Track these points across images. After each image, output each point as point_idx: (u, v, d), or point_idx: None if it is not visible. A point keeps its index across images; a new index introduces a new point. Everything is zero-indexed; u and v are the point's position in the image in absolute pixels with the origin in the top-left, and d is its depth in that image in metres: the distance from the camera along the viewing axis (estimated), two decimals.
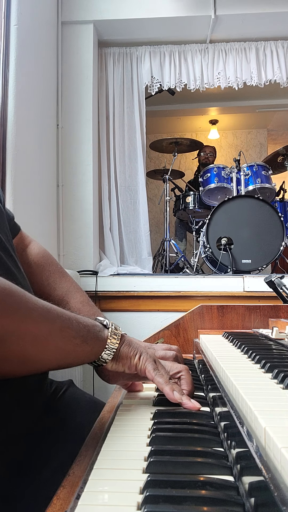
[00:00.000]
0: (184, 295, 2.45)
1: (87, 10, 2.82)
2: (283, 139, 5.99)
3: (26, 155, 2.11)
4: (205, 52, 3.10)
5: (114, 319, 2.82)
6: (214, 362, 0.70)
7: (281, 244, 2.74)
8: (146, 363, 0.64)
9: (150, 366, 0.64)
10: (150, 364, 0.64)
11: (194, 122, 5.71)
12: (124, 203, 3.05)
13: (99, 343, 0.62)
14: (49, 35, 2.63)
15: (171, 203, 3.94)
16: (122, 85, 3.10)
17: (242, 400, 0.46)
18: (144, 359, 0.65)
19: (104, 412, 0.67)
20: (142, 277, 2.55)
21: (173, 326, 1.13)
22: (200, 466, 0.42)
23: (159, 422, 0.55)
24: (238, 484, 0.38)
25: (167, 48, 3.09)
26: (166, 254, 3.65)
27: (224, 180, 3.40)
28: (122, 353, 0.64)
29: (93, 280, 2.51)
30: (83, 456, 0.50)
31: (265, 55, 3.08)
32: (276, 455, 0.32)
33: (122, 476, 0.41)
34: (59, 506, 0.40)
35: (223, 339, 0.95)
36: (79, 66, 2.81)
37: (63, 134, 2.73)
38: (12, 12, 2.06)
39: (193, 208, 3.79)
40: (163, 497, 0.35)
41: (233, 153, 5.60)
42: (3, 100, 1.97)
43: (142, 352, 0.65)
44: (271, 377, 0.55)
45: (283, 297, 1.18)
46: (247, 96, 4.61)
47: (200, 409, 0.61)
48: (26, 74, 2.15)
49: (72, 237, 2.68)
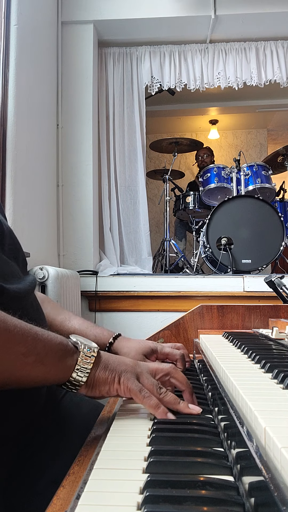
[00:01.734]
0: (184, 295, 2.45)
1: (87, 10, 2.82)
2: (283, 139, 5.99)
3: (26, 155, 2.12)
4: (205, 52, 3.10)
5: (114, 319, 2.81)
6: (214, 362, 0.70)
7: (281, 244, 2.74)
8: (128, 385, 0.58)
9: (134, 388, 0.58)
10: (133, 385, 0.58)
11: (194, 122, 5.71)
12: (124, 203, 3.05)
13: (62, 367, 0.57)
14: (49, 35, 2.63)
15: (171, 203, 3.94)
16: (122, 85, 3.10)
17: (242, 400, 0.46)
18: (124, 382, 0.58)
19: (104, 412, 0.67)
20: (142, 277, 2.55)
21: (173, 326, 1.13)
22: (200, 466, 0.42)
23: (159, 422, 0.55)
24: (238, 484, 0.38)
25: (167, 48, 3.09)
26: (166, 254, 3.65)
27: (224, 180, 3.40)
28: (97, 379, 0.58)
29: (93, 280, 2.51)
30: (83, 456, 0.50)
31: (265, 55, 3.08)
32: (276, 455, 0.32)
33: (122, 476, 0.41)
34: (59, 506, 0.40)
35: (223, 339, 0.95)
36: (79, 66, 2.81)
37: (63, 134, 2.74)
38: (12, 12, 2.06)
39: (193, 208, 3.79)
40: (163, 497, 0.35)
41: (233, 153, 5.60)
42: (3, 100, 1.97)
43: (121, 373, 0.59)
44: (271, 377, 0.55)
45: (283, 297, 1.18)
46: (247, 96, 4.61)
47: (200, 412, 0.59)
48: (26, 74, 2.15)
49: (72, 237, 2.68)
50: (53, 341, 0.57)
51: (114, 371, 0.59)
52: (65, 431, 0.74)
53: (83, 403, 0.83)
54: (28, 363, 0.53)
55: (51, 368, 0.56)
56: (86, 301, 2.54)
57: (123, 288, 2.49)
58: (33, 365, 0.54)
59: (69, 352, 0.58)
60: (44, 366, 0.55)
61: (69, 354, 0.58)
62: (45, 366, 0.55)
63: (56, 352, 0.56)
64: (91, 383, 0.58)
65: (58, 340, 0.58)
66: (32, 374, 0.55)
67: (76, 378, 0.57)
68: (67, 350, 0.58)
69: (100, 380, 0.58)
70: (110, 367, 0.59)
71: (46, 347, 0.55)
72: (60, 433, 0.73)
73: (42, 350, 0.54)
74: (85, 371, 0.57)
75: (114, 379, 0.58)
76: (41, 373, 0.55)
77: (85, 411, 0.81)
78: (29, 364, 0.53)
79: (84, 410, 0.81)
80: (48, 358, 0.55)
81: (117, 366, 0.59)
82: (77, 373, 0.57)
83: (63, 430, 0.74)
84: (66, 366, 0.57)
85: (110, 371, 0.59)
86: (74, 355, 0.58)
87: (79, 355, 0.58)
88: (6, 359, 0.52)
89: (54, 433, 0.72)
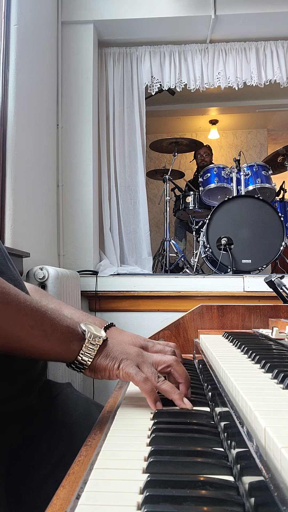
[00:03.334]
0: (184, 295, 2.45)
1: (87, 10, 2.82)
2: (283, 139, 5.99)
3: (26, 155, 2.12)
4: (205, 52, 3.10)
5: (114, 319, 2.81)
6: (214, 362, 0.70)
7: (281, 244, 2.74)
8: (126, 370, 0.61)
9: (131, 371, 0.61)
10: (131, 370, 0.61)
11: (194, 122, 5.71)
12: (124, 203, 3.05)
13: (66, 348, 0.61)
14: (49, 35, 2.63)
15: (171, 203, 3.94)
16: (122, 85, 3.10)
17: (242, 400, 0.46)
18: (123, 368, 0.62)
19: (104, 412, 0.67)
20: (142, 277, 2.55)
21: (173, 326, 1.13)
22: (200, 466, 0.42)
23: (159, 422, 0.55)
24: (238, 484, 0.38)
25: (167, 48, 3.09)
26: (166, 254, 3.65)
27: (224, 180, 3.40)
28: (98, 365, 0.62)
29: (93, 280, 2.51)
30: (83, 456, 0.50)
31: (265, 55, 3.08)
32: (276, 455, 0.32)
33: (122, 476, 0.41)
34: (59, 506, 0.40)
35: (223, 339, 0.95)
36: (79, 66, 2.81)
37: (63, 134, 2.74)
38: (12, 12, 2.06)
39: (193, 208, 3.79)
40: (163, 497, 0.35)
41: (233, 153, 5.60)
42: (3, 100, 1.97)
43: (122, 360, 0.62)
44: (271, 377, 0.55)
45: (283, 297, 1.18)
46: (247, 96, 4.61)
47: (192, 408, 0.60)
48: (26, 74, 2.15)
49: (72, 237, 2.68)
50: (61, 322, 0.62)
51: (115, 359, 0.63)
52: (58, 430, 0.73)
53: (80, 402, 0.83)
54: (35, 335, 0.58)
55: (55, 346, 0.60)
56: (86, 301, 2.54)
57: (123, 288, 2.49)
58: (39, 338, 0.58)
59: (76, 337, 0.62)
60: (49, 342, 0.59)
61: (75, 339, 0.62)
62: (50, 343, 0.60)
63: (62, 333, 0.61)
64: (93, 368, 0.63)
65: (66, 323, 0.63)
66: (37, 346, 0.59)
67: (81, 361, 0.62)
68: (74, 334, 0.62)
69: (100, 366, 0.62)
70: (112, 355, 0.63)
71: (53, 326, 0.60)
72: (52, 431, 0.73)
73: (48, 328, 0.59)
74: (89, 357, 0.62)
75: (114, 365, 0.62)
76: (46, 348, 0.60)
77: (81, 409, 0.80)
78: (36, 337, 0.58)
79: (80, 408, 0.81)
80: (54, 336, 0.60)
81: (119, 355, 0.63)
82: (81, 357, 0.61)
83: (56, 428, 0.74)
84: (70, 349, 0.61)
85: (111, 358, 0.63)
86: (80, 341, 0.62)
87: (85, 342, 0.62)
88: (14, 328, 0.56)
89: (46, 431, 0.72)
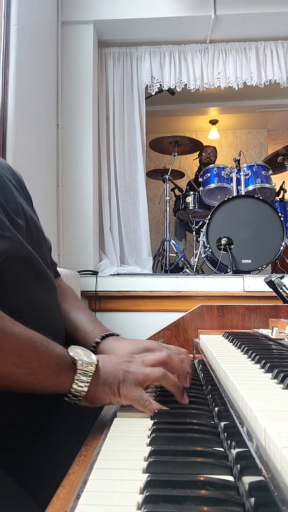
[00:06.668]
0: (184, 295, 2.45)
1: (87, 10, 2.82)
2: (283, 139, 5.99)
3: (26, 155, 2.11)
4: (205, 52, 3.10)
5: (114, 319, 2.80)
6: (214, 362, 0.70)
7: (281, 244, 2.74)
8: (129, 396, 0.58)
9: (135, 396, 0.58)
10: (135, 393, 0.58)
11: (194, 122, 5.71)
12: (124, 203, 3.05)
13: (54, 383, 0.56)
14: (49, 35, 2.63)
15: (171, 203, 3.94)
16: (122, 85, 3.10)
17: (242, 400, 0.46)
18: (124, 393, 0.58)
19: (104, 412, 0.67)
20: (142, 277, 2.55)
21: (173, 326, 1.13)
22: (200, 466, 0.42)
23: (159, 422, 0.55)
24: (238, 484, 0.38)
25: (167, 48, 3.09)
26: (166, 254, 3.65)
27: (224, 180, 3.40)
28: (98, 394, 0.58)
29: (93, 280, 2.51)
30: (83, 456, 0.50)
31: (265, 55, 3.08)
32: (276, 455, 0.32)
33: (122, 476, 0.41)
34: (59, 506, 0.40)
35: (223, 339, 0.95)
36: (79, 66, 2.81)
37: (63, 134, 2.74)
38: (12, 12, 2.06)
39: (193, 208, 3.79)
40: (163, 497, 0.35)
41: (233, 153, 5.60)
42: (3, 100, 1.97)
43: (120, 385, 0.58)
44: (271, 377, 0.55)
45: (283, 297, 1.18)
46: (247, 96, 4.61)
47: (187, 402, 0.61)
48: (26, 74, 2.15)
49: (72, 237, 2.68)
50: (50, 354, 0.56)
51: (113, 384, 0.58)
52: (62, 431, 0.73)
53: None
54: (19, 374, 0.53)
55: (43, 382, 0.55)
56: (86, 301, 2.54)
57: (123, 288, 2.49)
58: (24, 376, 0.53)
59: (65, 369, 0.57)
60: (35, 379, 0.54)
61: (65, 370, 0.57)
62: (37, 379, 0.55)
63: (50, 367, 0.55)
64: (91, 397, 0.58)
65: (55, 353, 0.57)
66: (21, 382, 0.54)
67: (74, 393, 0.56)
68: (63, 367, 0.57)
69: (100, 395, 0.58)
70: (109, 380, 0.58)
71: (41, 361, 0.55)
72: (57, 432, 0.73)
73: (36, 364, 0.54)
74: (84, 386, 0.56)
75: (114, 392, 0.58)
76: (31, 385, 0.55)
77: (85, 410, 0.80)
78: (20, 375, 0.53)
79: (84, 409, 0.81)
80: (41, 372, 0.55)
81: (115, 379, 0.58)
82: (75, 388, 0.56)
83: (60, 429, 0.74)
84: (60, 382, 0.56)
85: (109, 385, 0.58)
86: (70, 372, 0.57)
87: (76, 373, 0.57)
88: None
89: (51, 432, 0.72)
